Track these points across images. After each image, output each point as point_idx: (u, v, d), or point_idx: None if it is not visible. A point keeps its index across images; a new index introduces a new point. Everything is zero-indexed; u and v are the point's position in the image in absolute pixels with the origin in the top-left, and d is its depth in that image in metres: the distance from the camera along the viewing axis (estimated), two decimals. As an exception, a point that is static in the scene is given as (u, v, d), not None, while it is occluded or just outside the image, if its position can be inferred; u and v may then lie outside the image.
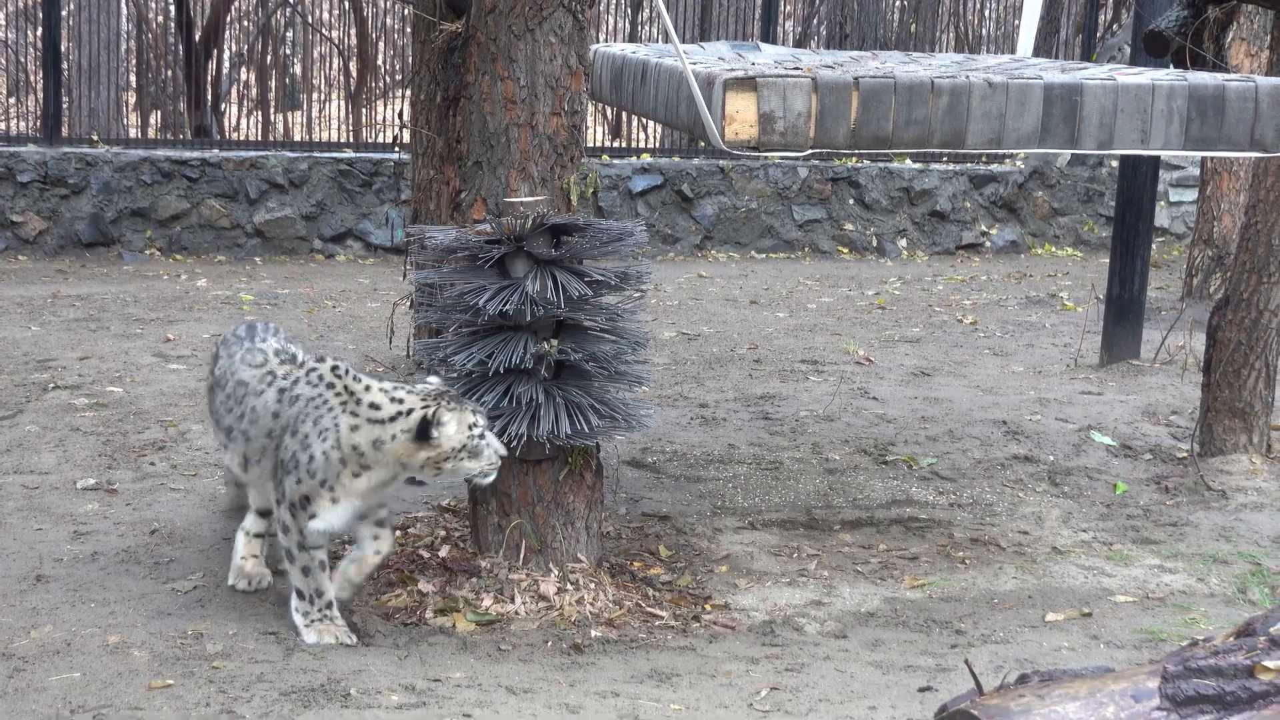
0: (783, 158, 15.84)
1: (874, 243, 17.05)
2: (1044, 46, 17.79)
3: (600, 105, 15.79)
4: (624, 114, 18.39)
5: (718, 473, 8.60)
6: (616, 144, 18.57)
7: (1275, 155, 6.97)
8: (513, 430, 6.29)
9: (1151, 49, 9.35)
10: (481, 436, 6.06)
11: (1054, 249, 17.47)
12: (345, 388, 6.14)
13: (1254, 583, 7.21)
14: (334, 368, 6.23)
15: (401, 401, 6.05)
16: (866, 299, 14.35)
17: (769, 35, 17.32)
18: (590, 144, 16.80)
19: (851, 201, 17.02)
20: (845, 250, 16.94)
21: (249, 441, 6.38)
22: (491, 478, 6.18)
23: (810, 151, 6.00)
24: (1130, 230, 11.84)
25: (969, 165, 17.45)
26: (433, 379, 6.25)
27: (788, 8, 20.67)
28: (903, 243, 17.12)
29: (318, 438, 6.08)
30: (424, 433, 5.98)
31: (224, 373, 6.60)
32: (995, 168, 17.50)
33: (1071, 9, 19.52)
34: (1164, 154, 9.21)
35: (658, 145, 17.94)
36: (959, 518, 8.05)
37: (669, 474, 8.56)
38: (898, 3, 19.95)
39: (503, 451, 6.15)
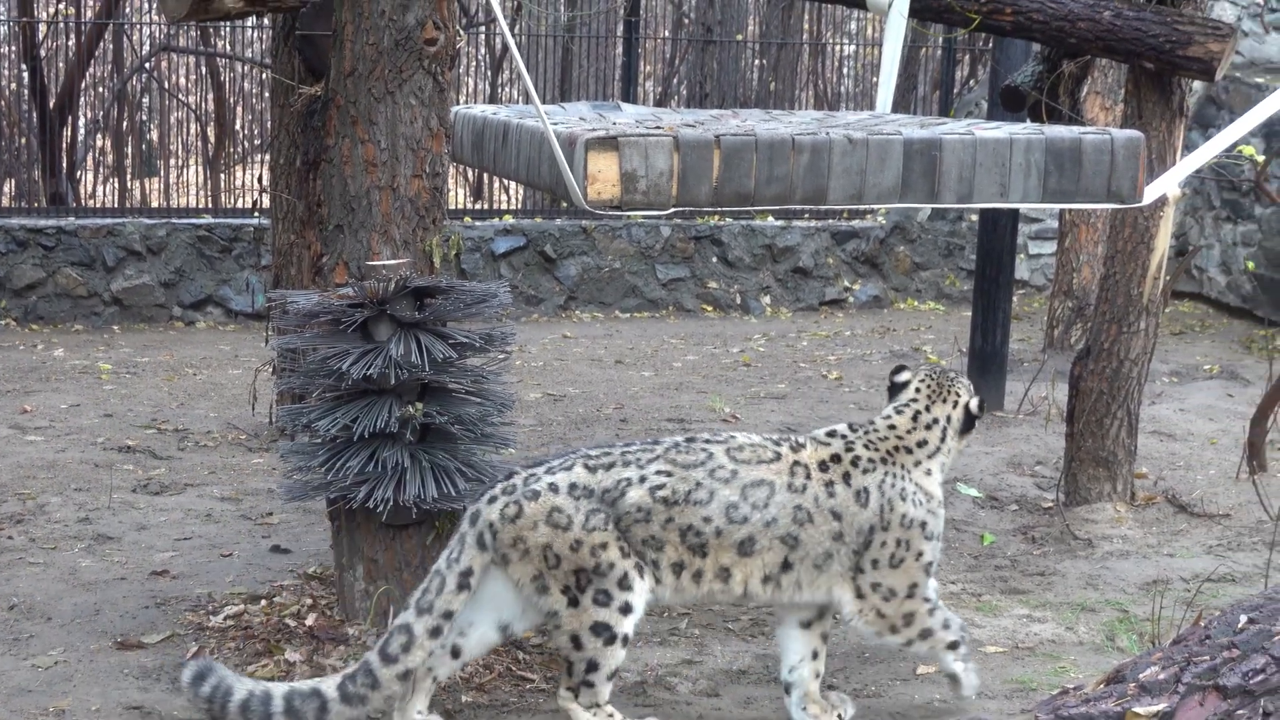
0: (645, 217, 15.89)
1: (738, 300, 17.11)
2: (902, 103, 17.99)
3: (461, 167, 15.78)
4: (486, 175, 18.38)
5: (587, 534, 8.54)
6: (478, 205, 18.55)
7: (1132, 206, 7.06)
8: (378, 495, 6.22)
9: (1008, 104, 9.46)
10: None
11: (916, 303, 17.61)
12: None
13: (1122, 630, 7.26)
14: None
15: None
16: (731, 356, 14.38)
17: (629, 95, 17.38)
18: (452, 206, 16.77)
19: (715, 259, 17.08)
20: (709, 308, 16.98)
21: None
22: None
23: (673, 210, 5.99)
24: (991, 283, 11.96)
25: (831, 222, 17.57)
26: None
27: (647, 68, 20.77)
28: (766, 300, 17.19)
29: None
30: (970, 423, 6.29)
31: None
32: (857, 223, 17.63)
33: (928, 66, 19.76)
34: (1023, 207, 9.32)
35: (520, 206, 17.94)
36: (829, 573, 8.03)
37: (538, 536, 8.49)
38: (757, 61, 20.11)
39: None
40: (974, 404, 6.29)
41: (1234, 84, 16.35)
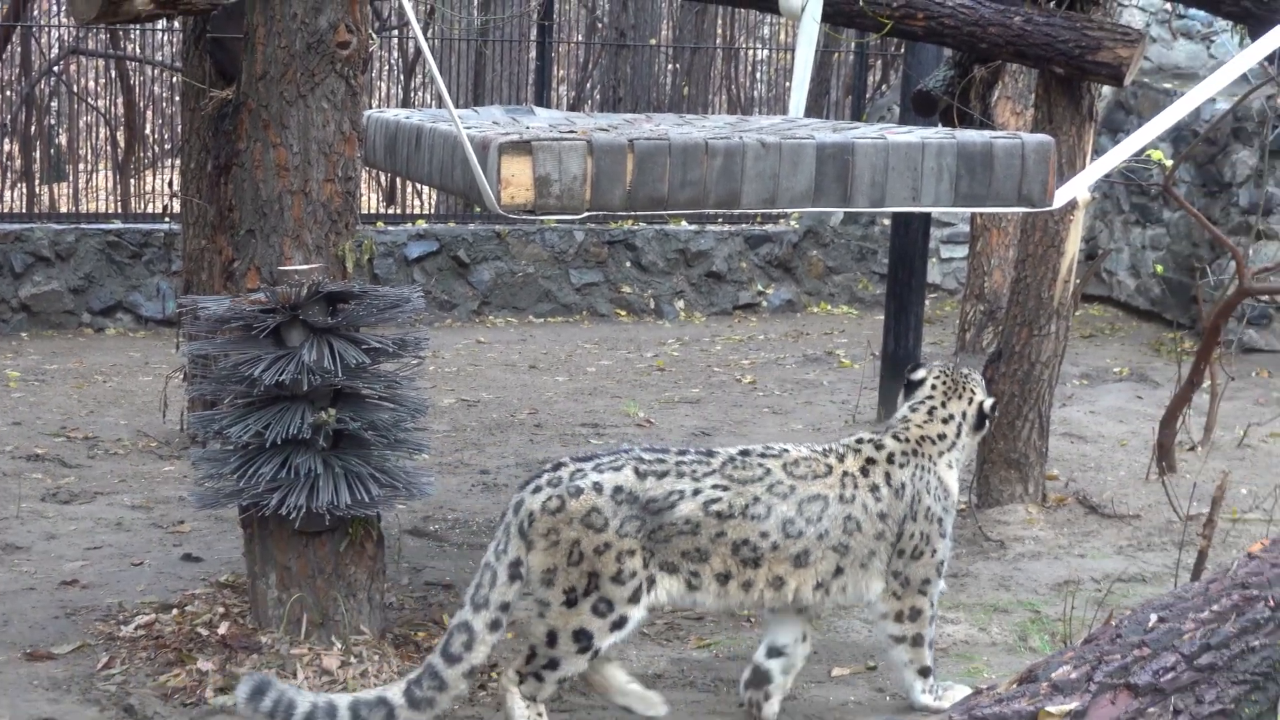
0: (559, 221, 15.86)
1: (652, 305, 17.12)
2: (815, 107, 18.05)
3: (374, 171, 15.70)
4: (398, 180, 18.31)
5: (501, 539, 8.53)
6: (391, 210, 18.47)
7: (1042, 210, 7.11)
8: (291, 502, 6.18)
9: (920, 108, 9.51)
10: None
11: (829, 307, 17.67)
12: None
13: (1034, 630, 7.31)
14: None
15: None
16: (645, 361, 14.39)
17: (543, 99, 17.36)
18: (365, 211, 16.69)
19: (628, 264, 17.09)
20: (623, 313, 16.99)
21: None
22: None
23: (587, 214, 5.99)
24: (903, 287, 12.02)
25: (744, 226, 17.61)
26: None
27: (561, 72, 20.75)
28: (680, 304, 17.22)
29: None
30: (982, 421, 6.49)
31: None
32: (770, 228, 17.68)
33: (841, 71, 19.84)
34: (935, 211, 9.36)
35: (433, 211, 17.88)
36: (743, 577, 8.04)
37: (452, 542, 8.48)
38: (670, 66, 20.13)
39: None
40: (988, 404, 6.48)
41: (1142, 89, 16.50)
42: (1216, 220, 14.69)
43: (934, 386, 6.42)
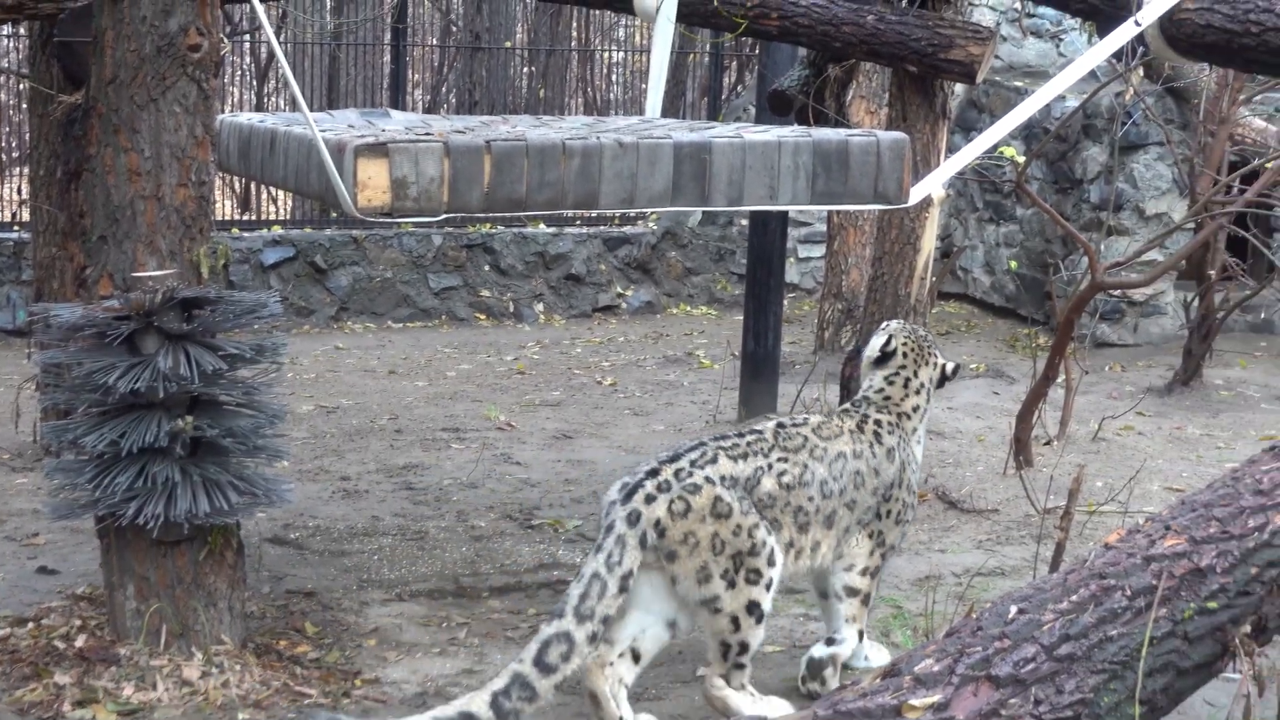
0: (417, 225, 15.80)
1: (511, 308, 17.08)
2: (671, 109, 18.09)
3: (228, 177, 15.55)
4: (253, 186, 18.16)
5: (362, 545, 8.48)
6: (246, 216, 18.31)
7: (898, 207, 7.16)
8: (149, 512, 6.10)
9: (776, 108, 9.57)
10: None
11: (689, 308, 17.72)
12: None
13: (896, 625, 7.37)
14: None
15: None
16: (506, 364, 14.35)
17: (398, 102, 17.28)
18: (219, 217, 16.52)
19: (487, 268, 17.03)
20: (483, 317, 16.93)
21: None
22: None
23: (444, 216, 5.95)
24: (762, 287, 12.08)
25: (602, 228, 17.62)
26: None
27: (416, 75, 20.66)
28: (540, 307, 17.19)
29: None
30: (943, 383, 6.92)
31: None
32: (628, 229, 17.70)
33: (696, 72, 19.90)
34: (792, 209, 9.40)
35: (289, 216, 17.74)
36: (607, 578, 8.04)
37: (312, 549, 8.41)
38: (526, 69, 20.10)
39: None
40: (949, 367, 6.91)
41: (994, 87, 16.70)
42: (1068, 216, 14.90)
43: (905, 355, 6.78)
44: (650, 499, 5.81)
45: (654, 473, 5.90)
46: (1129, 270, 11.75)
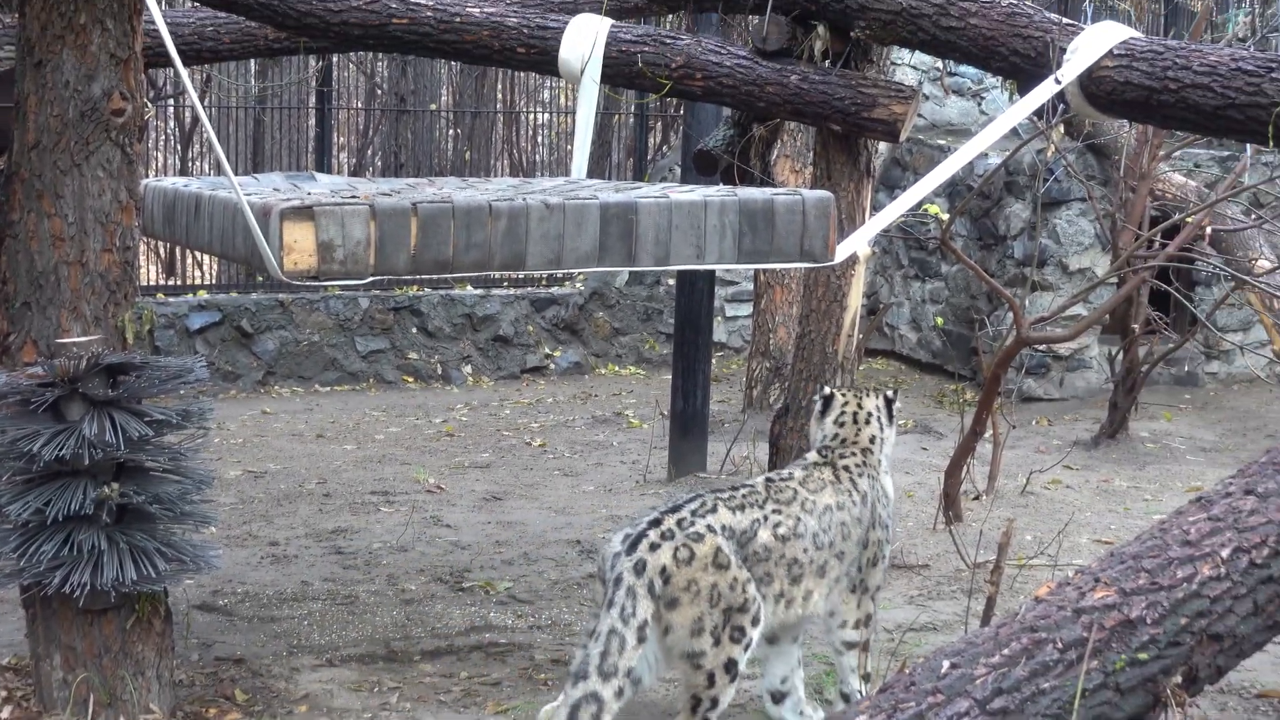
0: (343, 289, 15.76)
1: (439, 371, 17.04)
2: (597, 169, 18.14)
3: (152, 242, 15.47)
4: (178, 251, 18.06)
5: (292, 610, 8.42)
6: (172, 281, 18.20)
7: (824, 265, 7.19)
8: (75, 580, 6.04)
9: (701, 167, 9.59)
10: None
11: (617, 368, 17.72)
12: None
13: (829, 683, 7.35)
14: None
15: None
16: (434, 427, 14.31)
17: (324, 165, 17.24)
18: (144, 282, 16.43)
19: (415, 330, 16.99)
20: (411, 379, 16.88)
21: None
22: None
23: (371, 279, 5.94)
24: (690, 346, 12.10)
25: (530, 289, 17.62)
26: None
27: (341, 139, 20.65)
28: (468, 369, 17.15)
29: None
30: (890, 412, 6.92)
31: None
32: (556, 290, 17.70)
33: (622, 132, 19.96)
34: (719, 268, 9.42)
35: (215, 281, 17.65)
36: (539, 640, 8.02)
37: (241, 615, 8.34)
38: (452, 131, 20.11)
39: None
40: (890, 393, 6.96)
41: (917, 145, 16.83)
42: (993, 272, 15.01)
43: (843, 394, 6.90)
44: (655, 547, 5.89)
45: (656, 522, 5.98)
46: (1054, 325, 11.83)
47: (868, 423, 6.82)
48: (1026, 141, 10.80)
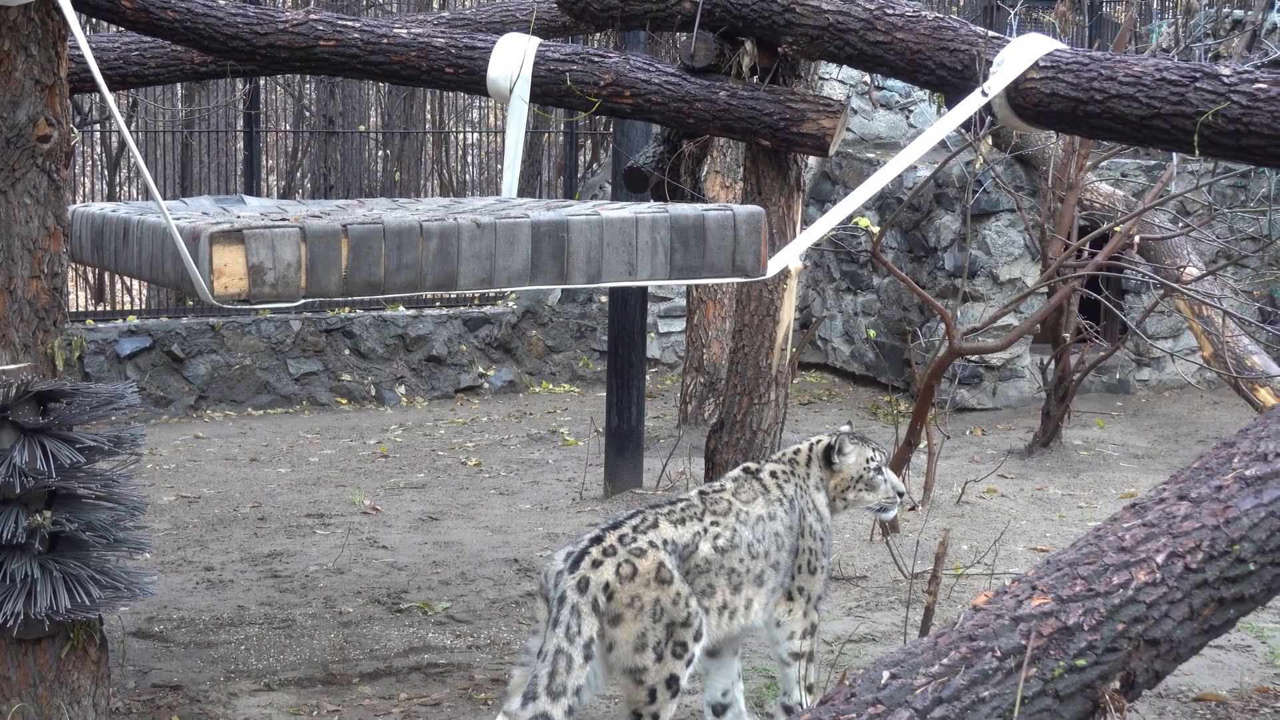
0: (275, 311, 15.71)
1: (373, 392, 16.99)
2: (527, 188, 18.13)
3: (81, 268, 15.36)
4: (107, 276, 17.95)
5: (229, 635, 8.37)
6: (101, 307, 18.09)
7: (756, 279, 7.21)
8: (8, 610, 5.98)
9: (632, 184, 9.59)
10: (879, 471, 6.77)
11: (551, 386, 17.71)
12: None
13: (770, 696, 7.37)
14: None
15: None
16: (369, 448, 14.26)
17: (253, 188, 17.18)
18: (73, 309, 16.32)
19: (347, 352, 16.94)
20: (344, 401, 16.82)
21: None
22: (892, 513, 7.08)
23: (303, 301, 5.92)
24: (624, 363, 12.11)
25: (462, 309, 17.59)
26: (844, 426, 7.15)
27: (270, 161, 20.57)
28: (401, 390, 17.11)
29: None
30: (827, 458, 6.75)
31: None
32: (489, 309, 17.68)
33: (552, 151, 19.97)
34: (651, 284, 9.43)
35: (144, 306, 17.55)
36: (478, 659, 8.01)
37: (178, 641, 8.29)
38: (381, 152, 20.07)
39: (900, 489, 6.90)
40: (831, 440, 6.85)
41: (846, 159, 16.90)
42: (924, 284, 15.08)
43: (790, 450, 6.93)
44: (597, 564, 5.88)
45: (598, 539, 5.97)
46: (986, 335, 11.90)
47: (796, 452, 6.85)
48: (955, 154, 10.85)
